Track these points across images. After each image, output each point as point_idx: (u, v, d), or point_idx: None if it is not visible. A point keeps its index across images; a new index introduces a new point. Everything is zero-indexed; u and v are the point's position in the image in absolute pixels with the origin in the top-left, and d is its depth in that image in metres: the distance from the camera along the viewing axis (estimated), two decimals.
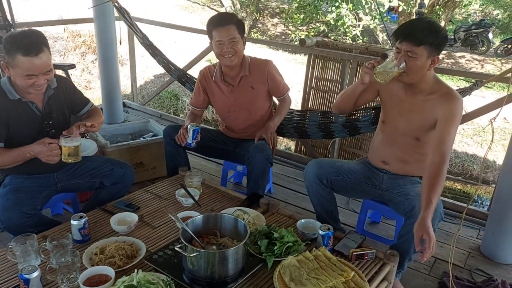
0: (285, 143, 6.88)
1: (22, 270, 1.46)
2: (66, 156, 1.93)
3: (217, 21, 2.38)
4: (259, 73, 2.51)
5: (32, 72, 1.84)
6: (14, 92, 1.93)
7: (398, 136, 2.09)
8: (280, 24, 15.19)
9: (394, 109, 2.08)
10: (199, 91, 2.65)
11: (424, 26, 1.86)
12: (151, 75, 8.73)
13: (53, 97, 2.06)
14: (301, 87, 4.02)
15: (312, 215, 2.40)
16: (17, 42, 1.80)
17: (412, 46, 1.85)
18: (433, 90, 1.96)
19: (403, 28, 1.90)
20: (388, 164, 2.17)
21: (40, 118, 2.03)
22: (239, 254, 1.60)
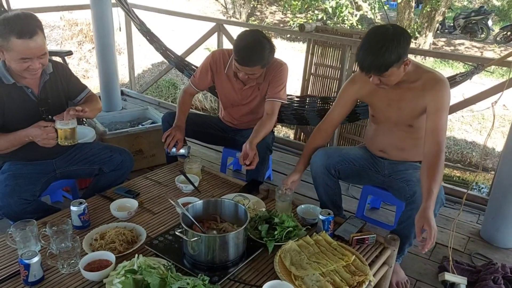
0: (284, 132, 6.86)
1: (22, 256, 1.46)
2: (62, 139, 1.91)
3: (243, 60, 2.21)
4: (268, 75, 2.44)
5: (27, 55, 1.81)
6: (9, 77, 1.91)
7: (391, 126, 2.09)
8: (278, 12, 15.07)
9: (383, 102, 2.06)
10: (206, 74, 2.50)
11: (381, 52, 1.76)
12: (149, 64, 8.67)
13: (49, 82, 2.04)
14: (300, 75, 4.00)
15: (312, 202, 2.40)
16: (11, 24, 1.77)
17: (380, 74, 1.83)
18: (415, 78, 1.94)
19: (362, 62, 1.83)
20: (386, 152, 2.17)
21: (35, 103, 2.00)
22: (240, 239, 1.60)
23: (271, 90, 2.44)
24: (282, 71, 2.42)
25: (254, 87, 2.47)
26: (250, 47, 2.20)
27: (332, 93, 3.67)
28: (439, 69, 9.63)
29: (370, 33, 1.85)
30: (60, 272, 1.56)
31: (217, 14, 13.55)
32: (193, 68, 3.52)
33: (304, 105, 3.04)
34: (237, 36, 2.28)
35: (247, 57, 2.20)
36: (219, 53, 2.48)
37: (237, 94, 2.51)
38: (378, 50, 1.76)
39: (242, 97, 2.51)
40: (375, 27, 1.89)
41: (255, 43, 2.20)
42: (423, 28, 10.92)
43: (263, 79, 2.43)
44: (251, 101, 2.53)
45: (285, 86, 2.47)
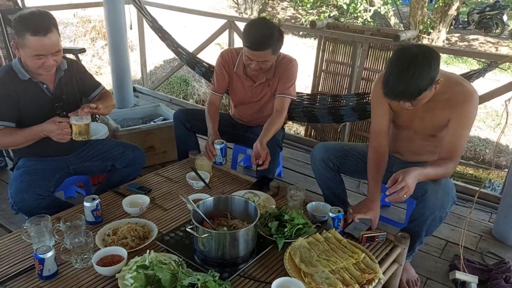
0: (294, 128, 6.85)
1: (37, 250, 1.49)
2: (77, 134, 1.94)
3: (253, 43, 2.19)
4: (278, 71, 2.43)
5: (41, 52, 1.84)
6: (24, 73, 1.95)
7: (411, 133, 2.04)
8: (290, 8, 15.00)
9: (407, 112, 1.97)
10: (223, 75, 2.50)
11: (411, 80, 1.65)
12: (160, 60, 8.71)
13: (64, 78, 2.07)
14: (311, 71, 3.98)
15: (323, 199, 2.40)
16: (26, 22, 1.81)
17: (411, 102, 1.74)
18: (444, 90, 1.84)
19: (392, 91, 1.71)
20: (401, 154, 2.15)
21: (50, 99, 2.04)
22: (250, 236, 1.61)
23: (280, 86, 2.43)
24: (292, 67, 2.42)
25: (264, 84, 2.47)
26: (260, 31, 2.19)
27: (343, 90, 3.65)
28: (453, 65, 9.51)
29: (397, 58, 1.71)
30: (74, 266, 1.59)
31: (228, 10, 13.54)
32: (204, 65, 3.54)
33: (314, 102, 3.04)
34: (245, 25, 2.28)
35: (258, 40, 2.18)
36: (227, 53, 2.50)
37: (248, 92, 2.51)
38: (409, 78, 1.65)
39: (253, 94, 2.52)
40: (400, 50, 1.74)
41: (264, 27, 2.21)
42: (436, 23, 10.77)
43: (272, 74, 2.42)
44: (262, 98, 2.53)
45: (294, 82, 2.47)
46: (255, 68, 2.29)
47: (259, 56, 2.21)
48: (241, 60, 2.42)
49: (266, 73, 2.42)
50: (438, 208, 1.86)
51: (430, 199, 1.85)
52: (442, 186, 1.87)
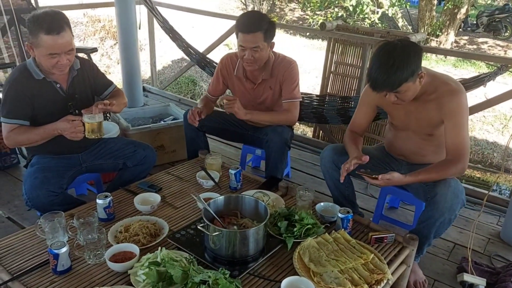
0: (301, 129, 6.85)
1: (52, 246, 1.52)
2: (90, 132, 1.96)
3: (245, 25, 2.27)
4: (278, 74, 2.45)
5: (55, 50, 1.88)
6: (39, 72, 1.99)
7: (410, 133, 2.09)
8: (297, 9, 14.99)
9: (400, 112, 2.06)
10: (218, 81, 2.60)
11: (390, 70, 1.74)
12: (168, 60, 8.77)
13: (77, 78, 2.11)
14: (318, 72, 4.00)
15: (330, 200, 2.41)
16: (40, 21, 1.85)
17: (393, 91, 1.81)
18: (432, 89, 1.91)
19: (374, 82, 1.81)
20: (405, 156, 2.18)
21: (63, 98, 2.08)
22: (260, 234, 1.63)
23: (285, 91, 2.46)
24: (292, 69, 2.45)
25: (263, 84, 2.49)
26: (250, 14, 2.37)
27: (352, 92, 3.66)
28: (461, 68, 9.46)
29: (378, 51, 1.82)
30: (87, 262, 1.62)
31: (236, 11, 13.56)
32: (214, 65, 3.57)
33: (323, 104, 3.05)
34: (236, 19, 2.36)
35: (248, 22, 2.26)
36: (227, 58, 2.56)
37: (250, 93, 2.54)
38: (389, 68, 1.74)
39: (255, 96, 2.54)
40: (382, 44, 1.84)
41: (255, 13, 2.36)
42: (445, 26, 10.73)
43: (269, 74, 2.45)
44: (265, 100, 2.54)
45: (298, 83, 2.50)
46: (249, 59, 2.31)
47: (251, 40, 2.25)
48: (241, 63, 2.46)
49: (263, 72, 2.44)
50: (448, 210, 1.87)
51: (439, 201, 1.87)
52: (451, 188, 1.88)
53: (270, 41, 2.34)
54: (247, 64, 2.36)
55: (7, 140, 2.02)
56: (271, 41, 2.35)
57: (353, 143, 2.12)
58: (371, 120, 2.27)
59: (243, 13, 2.42)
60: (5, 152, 2.97)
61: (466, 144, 1.89)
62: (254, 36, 2.25)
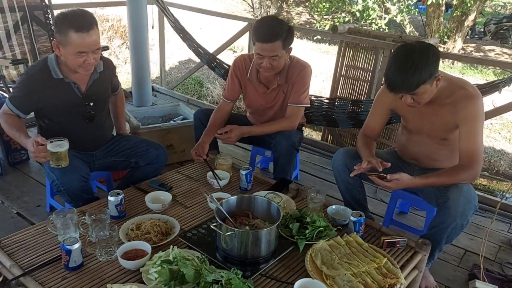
0: (307, 133, 6.84)
1: (65, 241, 1.52)
2: (53, 159, 1.85)
3: (263, 34, 2.18)
4: (291, 77, 2.40)
5: (83, 49, 1.87)
6: (58, 72, 1.98)
7: (424, 137, 2.06)
8: (305, 13, 15.01)
9: (415, 116, 2.04)
10: (234, 83, 2.51)
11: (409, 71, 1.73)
12: (175, 61, 8.78)
13: (98, 80, 2.11)
14: (325, 76, 3.99)
15: (340, 203, 2.40)
16: (69, 19, 1.85)
17: (411, 92, 1.79)
18: (448, 94, 1.89)
19: (392, 82, 1.78)
20: (417, 160, 2.16)
21: (80, 99, 2.07)
22: (272, 236, 1.62)
23: (293, 95, 2.41)
24: (305, 73, 2.40)
25: (277, 89, 2.44)
26: (269, 23, 2.22)
27: (363, 96, 3.65)
28: (468, 75, 9.43)
29: (397, 52, 1.79)
30: (98, 259, 1.61)
31: (244, 14, 13.59)
32: (224, 66, 3.56)
33: (333, 107, 3.04)
34: (253, 26, 2.32)
35: (267, 31, 2.18)
36: (240, 59, 2.49)
37: (261, 98, 2.50)
38: (408, 69, 1.72)
39: (266, 101, 2.50)
40: (401, 45, 1.83)
41: (273, 20, 2.25)
42: (452, 32, 10.71)
43: (285, 79, 2.39)
44: (275, 104, 2.51)
45: (308, 89, 2.44)
46: (267, 67, 2.25)
47: (269, 49, 2.19)
48: (254, 66, 2.40)
49: (278, 78, 2.39)
50: (460, 215, 1.85)
51: (451, 206, 1.85)
52: (464, 193, 1.87)
53: (289, 46, 2.28)
54: (264, 70, 2.31)
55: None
56: (289, 46, 2.29)
57: (366, 147, 2.10)
58: (385, 124, 2.25)
59: (261, 20, 2.31)
60: (15, 148, 2.98)
61: (480, 150, 1.88)
62: (273, 46, 2.18)
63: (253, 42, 2.26)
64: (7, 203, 2.59)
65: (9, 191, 2.71)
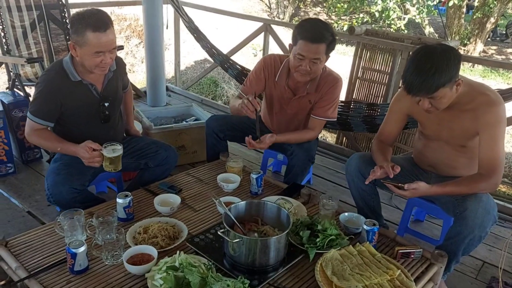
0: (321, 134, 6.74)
1: (70, 244, 1.50)
2: (107, 164, 1.96)
3: (310, 33, 2.10)
4: (322, 89, 2.30)
5: (101, 48, 1.85)
6: (75, 74, 1.96)
7: (442, 144, 1.99)
8: (322, 13, 14.89)
9: (433, 121, 1.96)
10: (259, 80, 2.38)
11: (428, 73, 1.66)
12: (191, 61, 8.79)
13: (112, 79, 2.10)
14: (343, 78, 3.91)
15: (353, 209, 2.34)
16: (86, 19, 1.83)
17: (430, 95, 1.72)
18: (468, 99, 1.81)
19: (410, 84, 1.71)
20: (435, 168, 2.08)
21: (98, 100, 2.06)
22: (281, 243, 1.57)
23: (321, 108, 2.33)
24: (337, 87, 2.31)
25: (304, 98, 2.34)
26: (318, 24, 2.15)
27: (379, 99, 3.57)
28: (489, 79, 9.21)
29: (416, 54, 1.73)
30: (104, 263, 1.59)
31: (261, 14, 13.55)
32: (237, 67, 3.53)
33: (348, 110, 2.98)
34: (300, 22, 2.21)
35: (316, 31, 2.09)
36: (271, 58, 2.39)
37: (285, 103, 2.40)
38: (427, 71, 1.66)
39: (290, 107, 2.41)
40: (421, 47, 1.77)
41: (322, 22, 2.18)
42: (473, 35, 10.48)
43: (314, 89, 2.30)
44: (297, 112, 2.42)
45: (336, 103, 2.36)
46: (305, 70, 2.15)
47: (314, 51, 2.10)
48: (284, 69, 2.31)
49: (308, 85, 2.30)
50: (478, 227, 1.78)
51: (469, 217, 1.78)
52: (483, 204, 1.80)
53: (328, 54, 2.19)
54: (300, 74, 2.20)
55: (28, 137, 2.02)
56: (329, 55, 2.20)
57: (381, 154, 2.03)
58: (401, 130, 2.18)
59: (307, 20, 2.23)
60: (29, 147, 2.99)
61: (500, 158, 1.80)
62: (318, 47, 2.10)
63: (294, 42, 2.16)
64: (18, 201, 2.60)
65: (21, 189, 2.72)
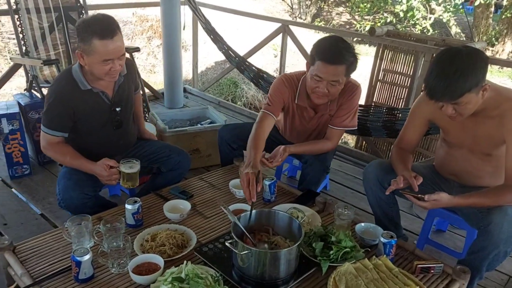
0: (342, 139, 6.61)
1: (75, 252, 1.47)
2: (125, 180, 1.96)
3: (328, 53, 1.96)
4: (340, 99, 2.19)
5: (109, 56, 1.80)
6: (85, 83, 1.92)
7: (465, 152, 1.88)
8: (345, 13, 14.70)
9: (456, 128, 1.85)
10: (282, 99, 2.22)
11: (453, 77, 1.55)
12: (212, 62, 8.79)
13: (123, 84, 2.05)
14: (364, 79, 3.81)
15: (371, 217, 2.25)
16: (92, 26, 1.78)
17: (453, 101, 1.61)
18: (495, 105, 1.70)
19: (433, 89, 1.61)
20: (458, 177, 1.97)
21: (109, 106, 2.03)
22: (292, 256, 1.50)
23: (339, 118, 2.21)
24: (355, 96, 2.19)
25: (325, 115, 2.24)
26: (336, 43, 2.00)
27: (400, 102, 3.46)
28: None
29: (440, 56, 1.63)
30: (110, 271, 1.55)
31: (283, 14, 13.47)
32: (253, 69, 3.47)
33: (368, 114, 2.88)
34: (317, 41, 2.07)
35: (334, 51, 1.96)
36: (287, 80, 2.23)
37: (307, 121, 2.30)
38: (451, 75, 1.56)
39: (312, 124, 2.31)
40: (445, 49, 1.67)
41: (341, 41, 2.03)
42: (501, 35, 10.14)
43: (336, 105, 2.20)
44: (318, 127, 2.32)
45: (355, 111, 2.24)
46: (322, 92, 2.03)
47: (332, 72, 1.97)
48: (303, 90, 2.19)
49: (330, 105, 2.19)
50: (503, 242, 1.68)
51: (494, 231, 1.68)
52: (509, 218, 1.69)
53: (349, 75, 2.08)
54: (316, 96, 2.09)
55: (44, 150, 2.01)
56: (350, 75, 2.09)
57: (401, 162, 1.93)
58: (422, 136, 2.08)
59: (327, 39, 2.07)
60: None
61: None
62: (337, 69, 1.97)
63: (311, 62, 2.04)
64: (32, 203, 2.60)
65: (36, 191, 2.73)
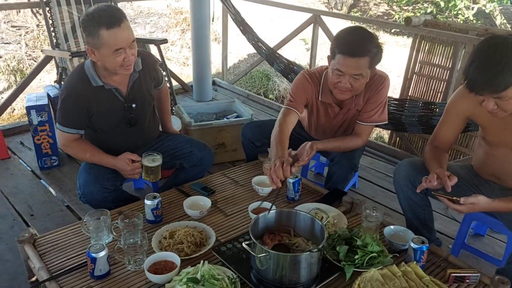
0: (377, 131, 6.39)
1: (90, 248, 1.45)
2: (147, 174, 1.94)
3: (349, 46, 1.84)
4: (367, 93, 2.06)
5: (119, 45, 1.76)
6: (97, 79, 1.88)
7: (507, 152, 1.72)
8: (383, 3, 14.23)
9: (497, 125, 1.69)
10: (306, 94, 2.11)
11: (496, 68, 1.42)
12: (245, 54, 8.73)
13: (138, 80, 1.99)
14: (401, 71, 3.62)
15: (402, 219, 2.12)
16: (97, 18, 1.73)
17: (497, 94, 1.47)
18: None
19: (473, 81, 1.48)
20: (498, 179, 1.81)
21: (122, 103, 1.98)
22: (314, 259, 1.42)
23: (367, 113, 2.09)
24: (383, 89, 2.05)
25: (352, 110, 2.12)
26: (358, 34, 1.88)
27: (438, 96, 3.26)
28: None
29: (482, 46, 1.49)
30: (126, 268, 1.53)
31: (318, 5, 13.20)
32: (283, 61, 3.38)
33: (402, 109, 2.72)
34: (338, 32, 1.96)
35: (355, 43, 1.84)
36: (310, 77, 2.12)
37: (332, 119, 2.19)
38: (494, 66, 1.42)
39: (337, 121, 2.20)
40: (487, 37, 1.52)
41: (363, 31, 1.89)
42: None
43: (361, 100, 2.07)
44: (344, 123, 2.21)
45: (384, 105, 2.10)
46: (344, 87, 1.93)
47: (354, 66, 1.86)
48: (326, 85, 2.07)
49: (355, 99, 2.07)
50: None
51: None
52: None
53: (374, 67, 1.95)
54: (339, 91, 1.98)
55: (64, 148, 2.01)
56: (375, 67, 1.96)
57: (435, 161, 1.78)
58: (459, 134, 1.92)
59: (347, 30, 1.92)
60: None
61: None
62: (359, 62, 1.85)
63: (332, 55, 1.93)
64: (59, 195, 2.64)
65: (63, 182, 2.76)
